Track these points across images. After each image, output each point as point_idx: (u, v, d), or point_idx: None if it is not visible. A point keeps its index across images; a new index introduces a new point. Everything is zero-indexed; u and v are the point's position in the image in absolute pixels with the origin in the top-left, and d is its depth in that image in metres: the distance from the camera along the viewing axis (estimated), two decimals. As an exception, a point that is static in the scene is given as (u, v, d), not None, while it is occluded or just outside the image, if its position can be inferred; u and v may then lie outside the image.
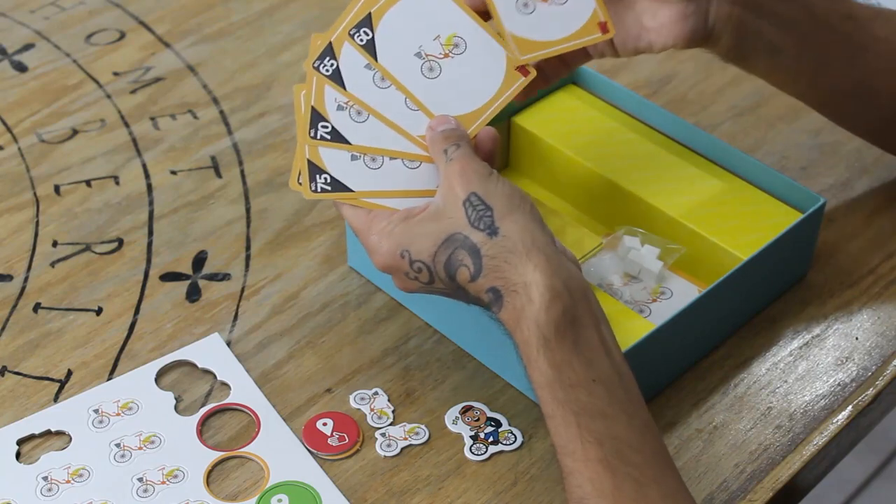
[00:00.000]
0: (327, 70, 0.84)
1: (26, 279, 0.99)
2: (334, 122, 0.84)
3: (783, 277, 0.97)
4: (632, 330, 0.87)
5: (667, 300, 0.93)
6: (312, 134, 0.83)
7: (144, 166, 1.09)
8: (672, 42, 0.88)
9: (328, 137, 0.84)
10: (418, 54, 0.84)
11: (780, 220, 0.94)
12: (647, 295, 0.93)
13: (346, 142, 0.84)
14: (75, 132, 1.12)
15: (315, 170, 0.84)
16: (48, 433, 0.88)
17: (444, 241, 0.79)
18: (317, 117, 0.84)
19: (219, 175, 1.07)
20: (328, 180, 0.84)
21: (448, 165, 0.81)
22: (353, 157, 0.84)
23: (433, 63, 0.84)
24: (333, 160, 0.84)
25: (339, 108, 0.84)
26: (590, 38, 0.85)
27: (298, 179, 0.84)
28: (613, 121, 1.03)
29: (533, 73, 0.85)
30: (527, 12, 0.85)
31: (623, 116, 1.03)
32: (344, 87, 0.83)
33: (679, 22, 0.87)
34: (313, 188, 0.84)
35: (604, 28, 0.85)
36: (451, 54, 0.84)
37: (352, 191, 0.84)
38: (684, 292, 0.93)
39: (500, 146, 0.87)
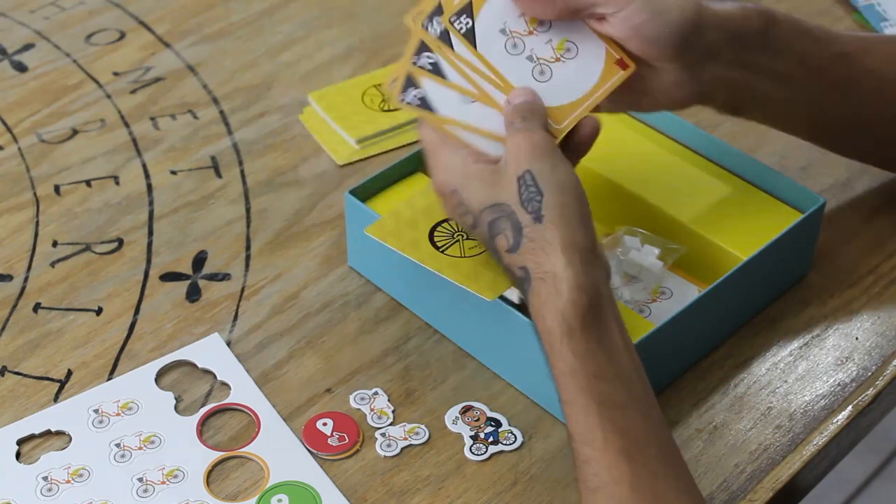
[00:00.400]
0: (435, 31, 0.85)
1: (26, 279, 0.99)
2: (439, 57, 0.85)
3: (783, 277, 0.97)
4: (632, 330, 0.87)
5: (667, 300, 0.93)
6: (415, 61, 0.85)
7: (144, 166, 1.09)
8: (668, 107, 0.90)
9: (429, 69, 0.85)
10: (530, 57, 0.86)
11: (780, 220, 0.94)
12: (647, 295, 0.93)
13: (445, 78, 0.85)
14: (75, 132, 1.12)
15: (410, 83, 0.85)
16: (48, 433, 0.88)
17: (492, 205, 0.80)
18: (423, 47, 0.85)
19: (219, 175, 1.07)
20: (420, 97, 0.85)
21: (513, 135, 0.82)
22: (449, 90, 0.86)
23: (544, 67, 0.86)
24: (431, 83, 0.85)
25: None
26: (614, 79, 0.86)
27: (392, 83, 0.85)
28: (614, 121, 1.03)
29: (632, 67, 0.85)
30: (544, 80, 0.86)
31: (623, 117, 1.03)
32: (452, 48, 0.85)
33: (675, 89, 0.88)
34: (402, 98, 0.85)
35: (622, 64, 0.86)
36: (562, 58, 0.86)
37: (439, 114, 0.85)
38: (684, 292, 0.93)
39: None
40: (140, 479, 0.84)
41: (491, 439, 0.87)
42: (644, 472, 0.74)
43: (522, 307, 0.86)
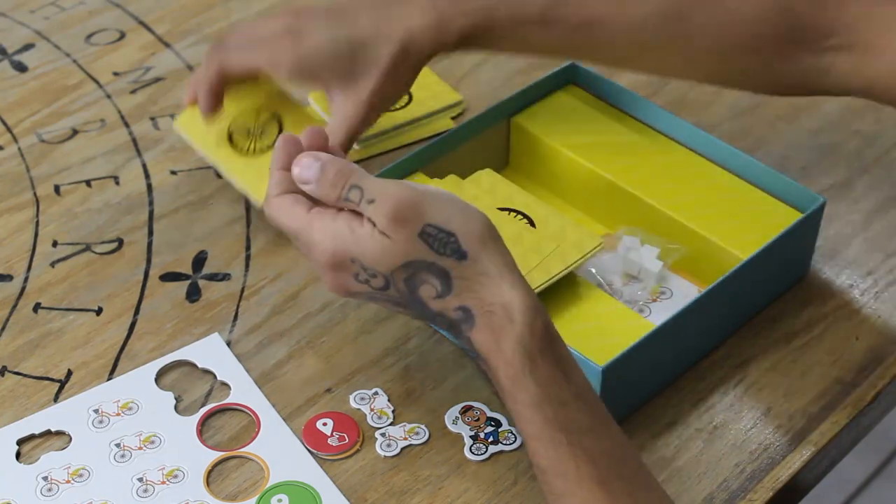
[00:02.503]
0: None
1: (26, 279, 0.99)
2: None
3: (783, 277, 0.97)
4: (632, 330, 0.87)
5: (667, 300, 0.93)
6: None
7: (144, 166, 1.09)
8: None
9: None
10: None
11: (780, 219, 0.94)
12: (647, 295, 0.93)
13: None
14: (75, 132, 1.12)
15: None
16: (48, 433, 0.88)
17: (403, 264, 0.75)
18: None
19: (219, 175, 1.07)
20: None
21: (371, 208, 0.75)
22: None
23: None
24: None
25: None
26: None
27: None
28: (613, 121, 1.03)
29: None
30: None
31: (623, 116, 1.03)
32: None
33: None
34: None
35: None
36: None
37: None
38: (684, 292, 0.93)
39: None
40: (140, 479, 0.84)
41: (491, 439, 0.87)
42: (621, 496, 0.73)
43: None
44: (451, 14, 0.92)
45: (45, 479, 0.85)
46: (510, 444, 0.87)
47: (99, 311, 0.96)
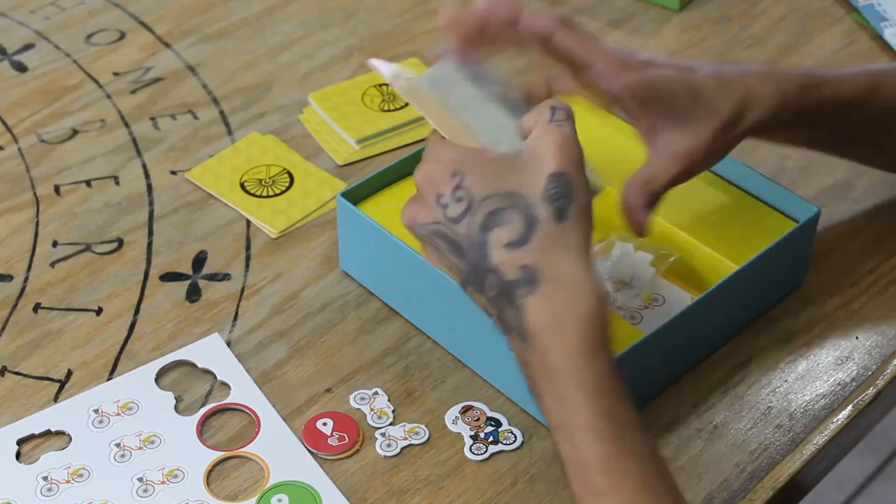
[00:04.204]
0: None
1: (26, 279, 0.99)
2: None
3: (777, 286, 0.96)
4: (621, 338, 0.86)
5: (659, 307, 0.93)
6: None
7: (144, 166, 1.09)
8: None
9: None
10: None
11: (774, 229, 0.94)
12: (640, 301, 0.93)
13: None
14: (75, 132, 1.12)
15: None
16: (48, 433, 0.88)
17: (505, 193, 0.74)
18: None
19: (219, 175, 1.08)
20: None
21: (552, 129, 0.75)
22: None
23: None
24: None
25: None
26: None
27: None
28: (608, 126, 1.03)
29: None
30: None
31: (618, 122, 1.03)
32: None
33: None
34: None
35: None
36: None
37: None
38: (677, 299, 0.93)
39: None
40: (140, 479, 0.84)
41: (491, 439, 0.87)
42: (666, 499, 0.70)
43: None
44: (787, 88, 0.88)
45: (45, 479, 0.85)
46: (510, 443, 0.87)
47: (99, 311, 0.96)
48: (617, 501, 0.69)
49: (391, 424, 0.88)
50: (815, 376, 0.92)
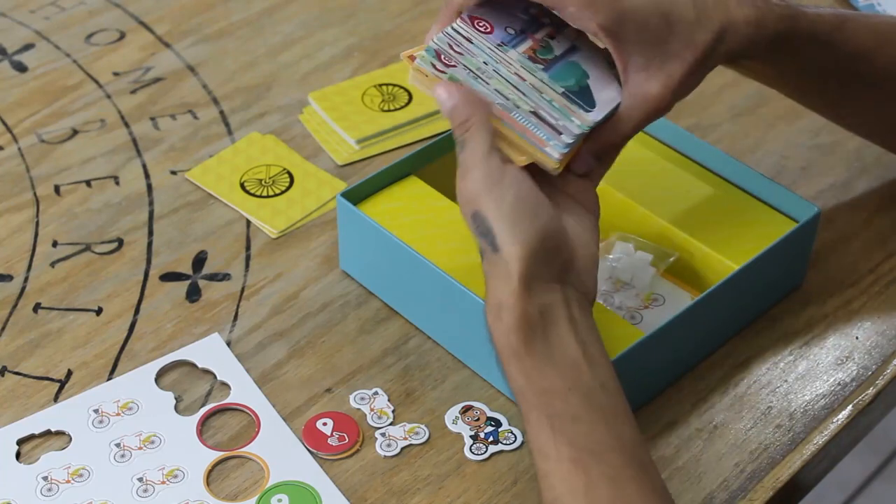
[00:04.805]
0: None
1: (26, 279, 0.99)
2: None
3: (777, 286, 0.96)
4: (621, 338, 0.86)
5: (659, 307, 0.93)
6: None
7: (144, 166, 1.09)
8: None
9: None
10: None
11: (774, 229, 0.94)
12: (640, 301, 0.93)
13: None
14: (75, 132, 1.12)
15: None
16: (48, 433, 0.88)
17: (472, 214, 0.77)
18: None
19: (219, 175, 1.08)
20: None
21: (460, 157, 0.78)
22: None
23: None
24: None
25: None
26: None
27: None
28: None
29: None
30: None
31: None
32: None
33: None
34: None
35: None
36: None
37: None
38: (677, 299, 0.93)
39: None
40: (140, 479, 0.84)
41: (491, 439, 0.87)
42: (601, 480, 0.73)
43: None
44: (767, 13, 0.86)
45: (45, 479, 0.85)
46: (510, 443, 0.87)
47: (99, 311, 0.96)
48: (552, 481, 0.74)
49: (391, 424, 0.88)
50: (815, 376, 0.92)
